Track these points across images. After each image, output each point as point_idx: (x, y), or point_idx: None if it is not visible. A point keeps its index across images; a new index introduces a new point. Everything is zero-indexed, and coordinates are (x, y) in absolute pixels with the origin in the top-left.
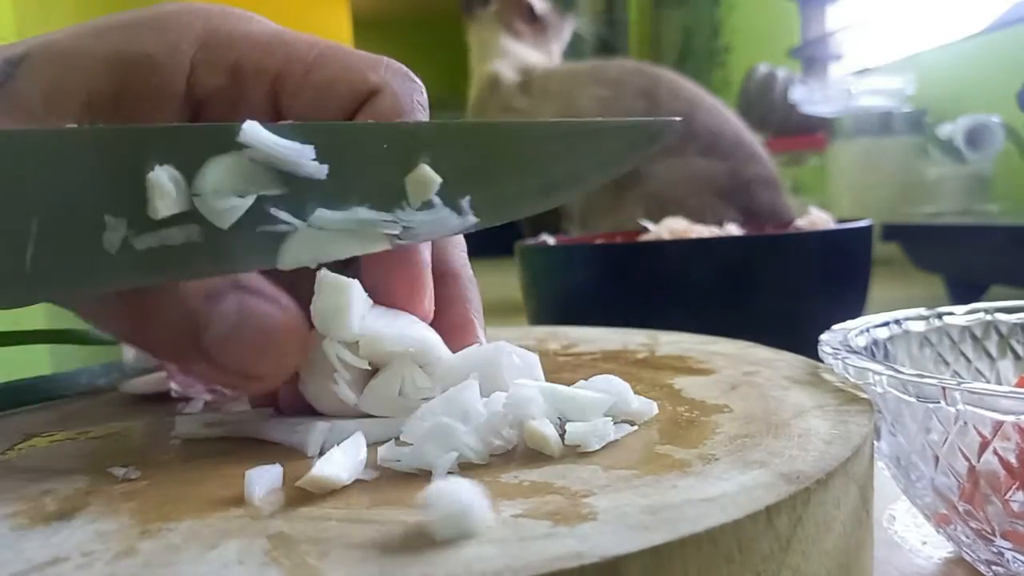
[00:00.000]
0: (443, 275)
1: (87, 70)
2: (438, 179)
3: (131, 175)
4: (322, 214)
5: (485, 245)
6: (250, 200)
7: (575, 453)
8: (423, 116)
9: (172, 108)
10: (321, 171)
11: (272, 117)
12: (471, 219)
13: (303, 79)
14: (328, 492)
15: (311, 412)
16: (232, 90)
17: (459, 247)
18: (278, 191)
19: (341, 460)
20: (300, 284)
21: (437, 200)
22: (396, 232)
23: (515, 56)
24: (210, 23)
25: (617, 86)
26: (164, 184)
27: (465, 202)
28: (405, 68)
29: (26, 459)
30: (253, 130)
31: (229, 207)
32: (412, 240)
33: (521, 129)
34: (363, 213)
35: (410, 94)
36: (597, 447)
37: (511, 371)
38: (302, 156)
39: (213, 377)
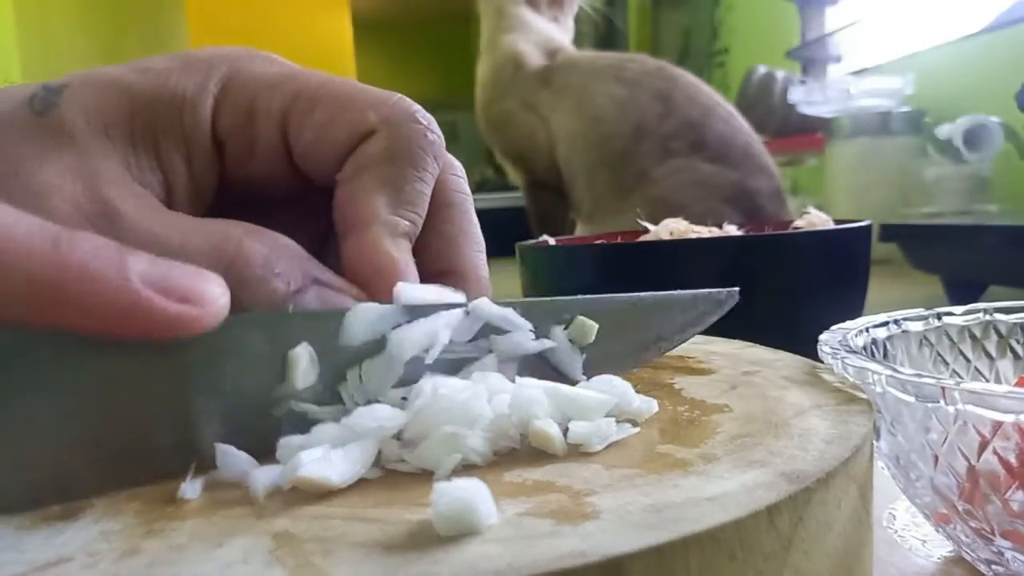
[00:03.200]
0: (452, 271)
1: (129, 102)
2: (595, 325)
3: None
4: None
5: (485, 245)
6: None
7: (577, 452)
8: (425, 158)
9: (201, 144)
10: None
11: (285, 155)
12: (582, 377)
13: (305, 118)
14: (325, 493)
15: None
16: (249, 130)
17: (476, 246)
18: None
19: (334, 461)
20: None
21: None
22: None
23: (536, 31)
24: (234, 65)
25: (634, 86)
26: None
27: (580, 358)
28: (414, 108)
29: None
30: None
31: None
32: None
33: (621, 303)
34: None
35: (409, 136)
36: (599, 448)
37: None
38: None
39: None
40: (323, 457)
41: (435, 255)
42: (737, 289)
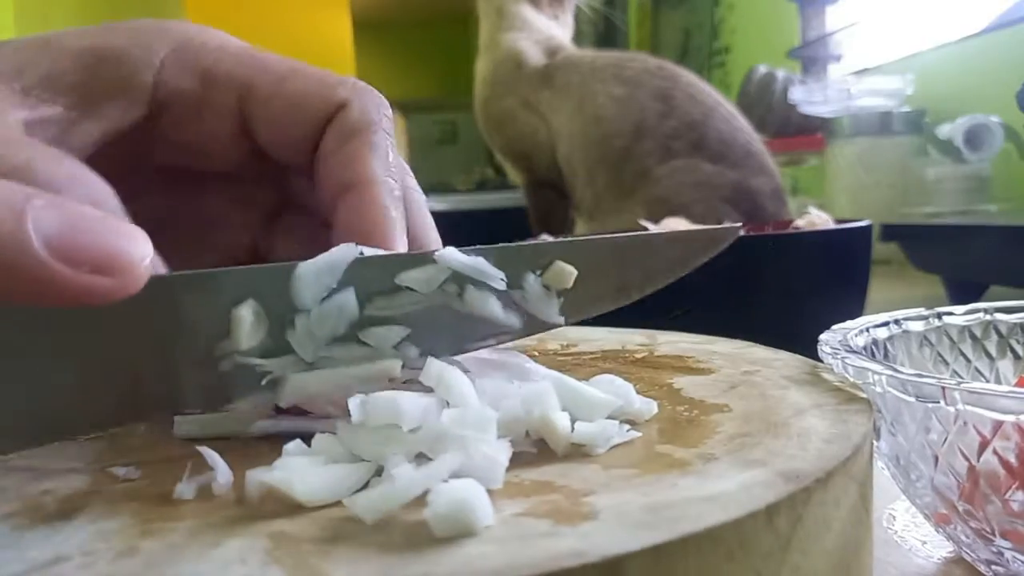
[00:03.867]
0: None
1: (54, 57)
2: (574, 271)
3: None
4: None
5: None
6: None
7: (576, 452)
8: (388, 126)
9: (138, 101)
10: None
11: (238, 124)
12: (559, 319)
13: (275, 89)
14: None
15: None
16: (200, 93)
17: (432, 237)
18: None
19: (301, 469)
20: None
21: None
22: (514, 325)
23: (535, 28)
24: (186, 32)
25: (635, 85)
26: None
27: (556, 303)
28: (369, 85)
29: (26, 459)
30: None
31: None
32: (514, 335)
33: (604, 243)
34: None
35: (377, 108)
36: (602, 451)
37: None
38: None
39: None
40: (301, 470)
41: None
42: (740, 225)
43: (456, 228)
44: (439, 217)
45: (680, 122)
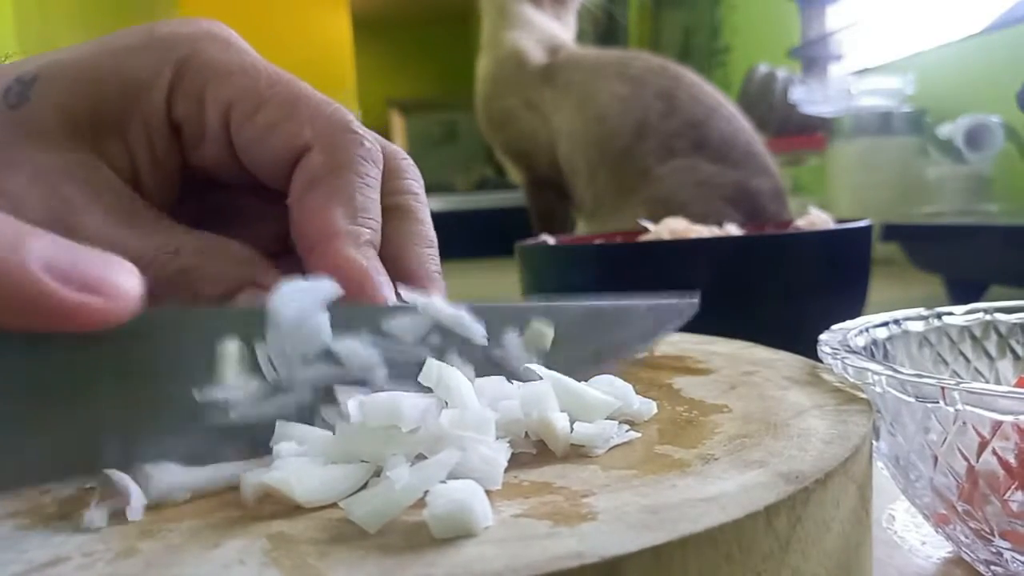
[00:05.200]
0: (403, 277)
1: (94, 92)
2: (551, 331)
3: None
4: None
5: (485, 245)
6: None
7: (575, 453)
8: (365, 164)
9: (159, 127)
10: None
11: (226, 145)
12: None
13: (250, 114)
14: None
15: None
16: (198, 116)
17: (426, 243)
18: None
19: (299, 470)
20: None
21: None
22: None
23: (537, 27)
24: (192, 47)
25: (638, 84)
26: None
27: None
28: (348, 118)
29: None
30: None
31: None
32: None
33: (580, 310)
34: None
35: (346, 146)
36: (601, 451)
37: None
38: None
39: None
40: (300, 471)
41: (387, 261)
42: (696, 300)
43: (456, 228)
44: (439, 217)
45: (682, 122)
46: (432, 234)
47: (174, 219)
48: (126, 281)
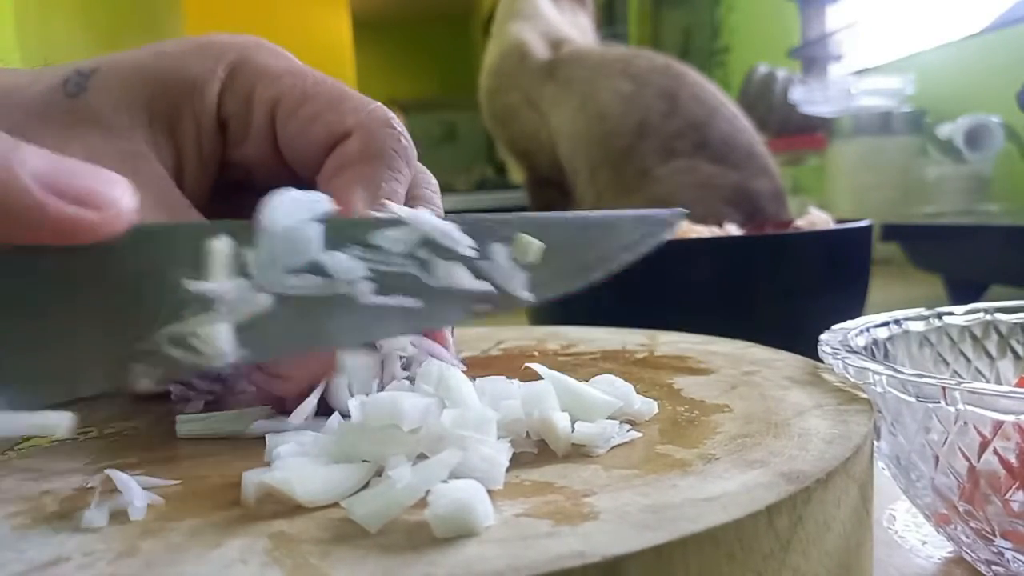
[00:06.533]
0: None
1: (149, 86)
2: (541, 244)
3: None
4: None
5: None
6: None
7: (576, 453)
8: (397, 159)
9: (208, 124)
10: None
11: (272, 143)
12: (527, 295)
13: (295, 108)
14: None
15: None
16: (247, 115)
17: None
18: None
19: (301, 470)
20: None
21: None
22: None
23: (544, 21)
24: (242, 54)
25: (641, 83)
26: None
27: (523, 277)
28: (389, 115)
29: (26, 459)
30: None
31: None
32: (485, 310)
33: (563, 221)
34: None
35: (384, 140)
36: (603, 451)
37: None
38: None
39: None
40: (301, 470)
41: None
42: (682, 209)
43: None
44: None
45: (684, 122)
46: None
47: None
48: (121, 195)
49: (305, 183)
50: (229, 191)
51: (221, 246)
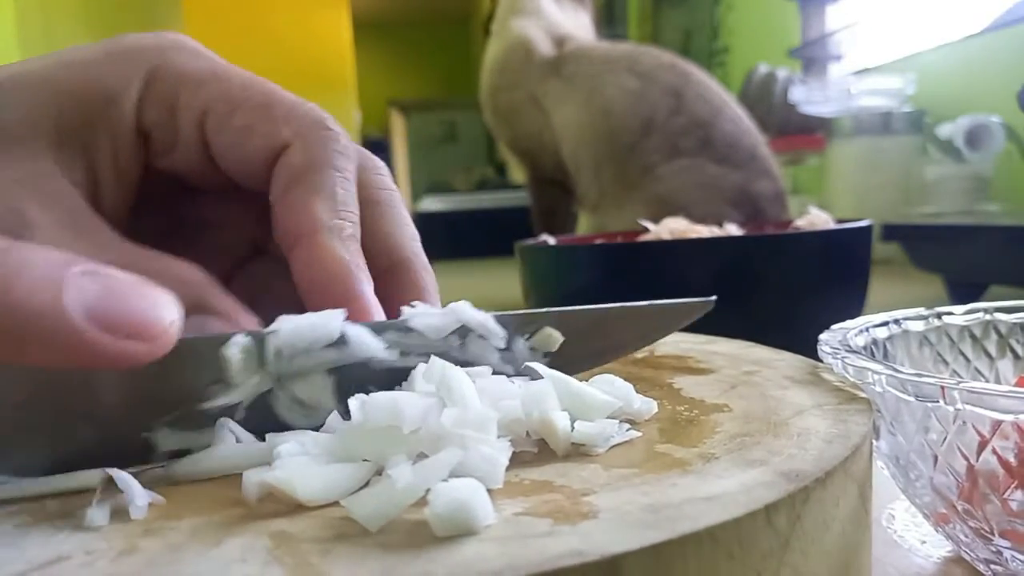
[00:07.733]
0: (395, 264)
1: (57, 101)
2: (560, 337)
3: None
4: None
5: (485, 245)
6: None
7: (576, 452)
8: (342, 159)
9: (126, 136)
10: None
11: (203, 151)
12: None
13: (226, 119)
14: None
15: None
16: (171, 123)
17: (408, 232)
18: None
19: (301, 469)
20: (260, 303)
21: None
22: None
23: (547, 17)
24: (161, 57)
25: (648, 80)
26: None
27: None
28: (324, 115)
29: None
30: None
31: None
32: None
33: (587, 313)
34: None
35: (325, 144)
36: (602, 450)
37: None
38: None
39: None
40: (302, 469)
41: (376, 252)
42: (714, 298)
43: (456, 228)
44: (439, 217)
45: (689, 120)
46: (414, 229)
47: (141, 230)
48: (168, 316)
49: (232, 192)
50: (168, 198)
51: (234, 351)
